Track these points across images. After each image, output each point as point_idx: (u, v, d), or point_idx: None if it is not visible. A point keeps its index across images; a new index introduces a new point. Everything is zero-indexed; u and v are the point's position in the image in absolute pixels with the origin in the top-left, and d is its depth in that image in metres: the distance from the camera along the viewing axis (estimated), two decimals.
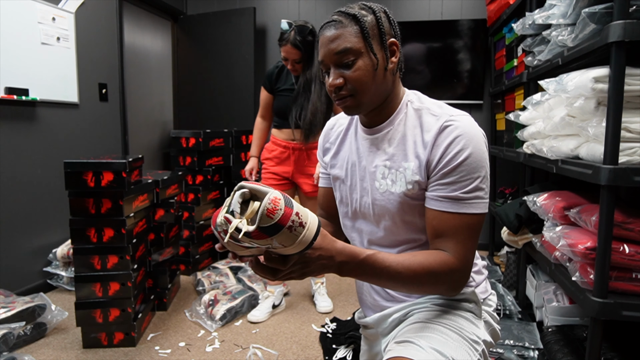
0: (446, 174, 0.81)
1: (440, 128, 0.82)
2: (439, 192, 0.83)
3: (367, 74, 0.84)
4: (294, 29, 1.96)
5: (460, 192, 0.81)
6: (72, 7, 2.66)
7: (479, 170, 0.81)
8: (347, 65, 0.84)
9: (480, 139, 0.82)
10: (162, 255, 2.33)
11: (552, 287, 1.82)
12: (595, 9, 1.30)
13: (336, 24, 0.84)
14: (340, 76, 0.84)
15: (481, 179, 0.81)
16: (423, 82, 3.39)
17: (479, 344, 0.86)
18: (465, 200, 0.81)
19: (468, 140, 0.80)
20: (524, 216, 1.90)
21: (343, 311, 2.30)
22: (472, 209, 0.81)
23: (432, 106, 0.88)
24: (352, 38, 0.83)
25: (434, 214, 0.84)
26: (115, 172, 1.81)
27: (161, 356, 1.83)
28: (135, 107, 3.66)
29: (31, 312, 1.93)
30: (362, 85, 0.84)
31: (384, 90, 0.87)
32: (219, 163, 3.00)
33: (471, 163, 0.80)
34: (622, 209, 1.30)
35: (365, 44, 0.83)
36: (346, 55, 0.83)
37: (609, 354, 1.45)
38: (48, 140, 2.53)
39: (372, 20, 0.85)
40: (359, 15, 0.83)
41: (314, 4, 3.64)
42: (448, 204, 0.81)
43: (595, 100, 1.31)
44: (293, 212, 0.65)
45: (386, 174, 0.90)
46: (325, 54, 0.85)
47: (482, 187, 0.82)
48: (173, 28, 4.00)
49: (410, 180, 0.86)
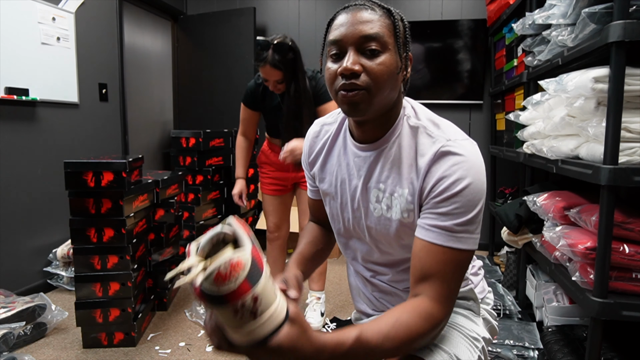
0: (439, 203, 0.73)
1: (435, 154, 0.74)
2: (429, 221, 0.74)
3: (389, 72, 0.75)
4: (272, 47, 1.76)
5: (452, 224, 0.72)
6: (72, 7, 2.66)
7: (475, 203, 0.72)
8: (372, 53, 0.74)
9: (481, 168, 0.74)
10: (162, 255, 2.33)
11: (552, 287, 1.82)
12: (595, 9, 1.30)
13: (369, 9, 0.75)
14: (359, 63, 0.74)
15: (477, 213, 0.73)
16: (423, 82, 3.39)
17: (478, 341, 0.86)
18: (456, 233, 0.72)
19: (468, 169, 0.72)
20: (524, 216, 1.91)
21: (343, 311, 2.30)
22: (462, 244, 0.73)
23: (428, 124, 0.79)
24: (383, 28, 0.74)
25: (422, 245, 0.75)
26: (115, 172, 1.80)
27: (161, 356, 1.83)
28: (135, 107, 3.67)
29: (31, 312, 1.93)
30: (381, 82, 0.74)
31: (392, 99, 0.79)
32: (219, 163, 3.00)
33: (468, 194, 0.72)
34: (622, 209, 1.30)
35: (394, 42, 0.76)
36: (375, 42, 0.73)
37: (609, 354, 1.45)
38: (48, 140, 2.53)
39: (402, 26, 0.79)
40: (392, 11, 0.77)
41: (314, 4, 3.64)
42: (438, 234, 0.73)
43: (595, 100, 1.31)
44: (250, 294, 0.50)
45: (380, 197, 0.82)
46: (348, 34, 0.74)
47: (476, 221, 0.74)
48: (173, 28, 4.00)
49: (405, 209, 0.79)
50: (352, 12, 0.75)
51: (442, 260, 0.73)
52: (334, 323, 2.13)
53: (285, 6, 3.70)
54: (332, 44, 0.77)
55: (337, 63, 0.76)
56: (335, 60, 0.77)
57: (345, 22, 0.75)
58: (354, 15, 0.75)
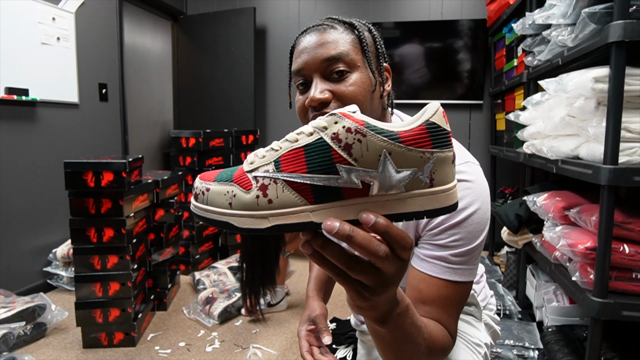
0: (437, 233, 0.67)
1: None
2: (425, 251, 0.68)
3: (363, 92, 0.67)
4: None
5: (449, 254, 0.66)
6: (72, 7, 2.66)
7: (477, 234, 0.66)
8: (339, 75, 0.66)
9: (485, 198, 0.66)
10: (162, 255, 2.33)
11: (552, 287, 1.82)
12: (595, 9, 1.30)
13: (328, 27, 0.68)
14: (326, 89, 0.66)
15: (477, 244, 0.67)
16: (423, 82, 3.39)
17: (481, 347, 0.86)
18: (453, 265, 0.66)
19: (470, 198, 0.65)
20: (524, 216, 1.90)
21: (343, 311, 2.30)
22: (459, 277, 0.67)
23: None
24: (347, 45, 0.67)
25: (419, 275, 0.69)
26: (115, 172, 1.80)
27: (161, 356, 1.83)
28: (135, 107, 3.67)
29: (31, 312, 1.93)
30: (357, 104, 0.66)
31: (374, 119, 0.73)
32: (219, 163, 2.99)
33: (468, 225, 0.65)
34: (622, 209, 1.30)
35: (363, 58, 0.67)
36: (340, 62, 0.65)
37: (609, 354, 1.45)
38: (48, 140, 2.53)
39: (370, 37, 0.70)
40: (356, 24, 0.69)
41: (314, 4, 3.64)
42: (433, 266, 0.67)
43: (595, 100, 1.31)
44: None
45: None
46: (310, 60, 0.67)
47: (476, 253, 0.68)
48: (173, 28, 4.00)
49: None
50: (311, 35, 0.68)
51: (441, 293, 0.67)
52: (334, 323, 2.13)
53: (285, 6, 3.70)
54: (296, 74, 0.69)
55: (304, 94, 0.69)
56: (302, 91, 0.70)
57: (306, 48, 0.67)
58: (314, 38, 0.67)
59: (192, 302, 2.26)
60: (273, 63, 3.79)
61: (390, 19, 3.46)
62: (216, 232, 3.04)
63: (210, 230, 2.96)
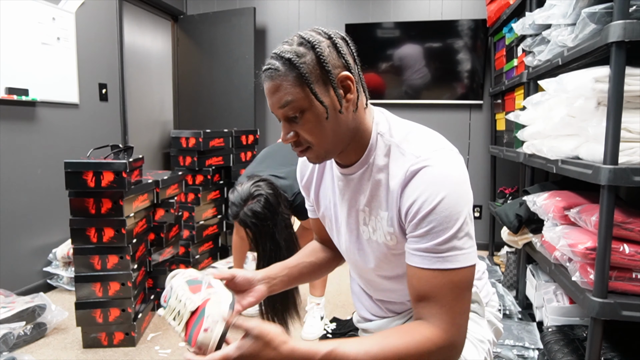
0: (417, 224, 0.70)
1: (406, 175, 0.72)
2: (412, 245, 0.72)
3: (317, 125, 0.73)
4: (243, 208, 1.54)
5: (433, 244, 0.69)
6: (72, 7, 2.66)
7: (454, 217, 0.69)
8: (294, 119, 0.73)
9: (456, 179, 0.70)
10: (162, 255, 2.33)
11: (552, 287, 1.82)
12: (595, 9, 1.30)
13: (272, 73, 0.72)
14: (291, 130, 0.75)
15: (459, 228, 0.69)
16: (423, 82, 3.39)
17: (484, 343, 0.87)
18: (441, 254, 0.69)
19: (439, 184, 0.69)
20: (524, 216, 1.90)
21: (343, 311, 2.30)
22: (451, 264, 0.69)
23: (401, 142, 0.76)
24: (291, 89, 0.71)
25: (412, 271, 0.72)
26: (115, 172, 1.80)
27: (161, 356, 1.83)
28: (135, 107, 3.67)
29: (31, 312, 1.93)
30: (316, 138, 0.74)
31: (345, 133, 0.75)
32: (219, 163, 2.99)
33: (443, 211, 0.68)
34: (622, 209, 1.30)
35: (308, 92, 0.71)
36: (290, 109, 0.72)
37: (609, 354, 1.45)
38: (48, 140, 2.53)
39: (312, 60, 0.71)
40: (294, 59, 0.70)
41: (314, 4, 3.64)
42: (423, 258, 0.70)
43: (595, 100, 1.31)
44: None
45: (367, 220, 0.81)
46: (270, 106, 0.76)
47: (461, 235, 0.69)
48: (173, 28, 4.00)
49: (387, 232, 0.77)
50: (265, 82, 0.75)
51: (434, 284, 0.69)
52: (334, 323, 2.13)
53: (285, 6, 3.70)
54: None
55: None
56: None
57: (266, 94, 0.75)
58: (266, 86, 0.74)
59: None
60: None
61: (390, 19, 3.46)
62: (216, 232, 3.04)
63: (210, 230, 2.96)
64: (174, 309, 0.74)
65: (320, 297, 2.15)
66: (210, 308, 0.70)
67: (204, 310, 0.70)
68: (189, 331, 0.70)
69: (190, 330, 0.69)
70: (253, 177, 1.61)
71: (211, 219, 2.97)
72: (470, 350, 0.81)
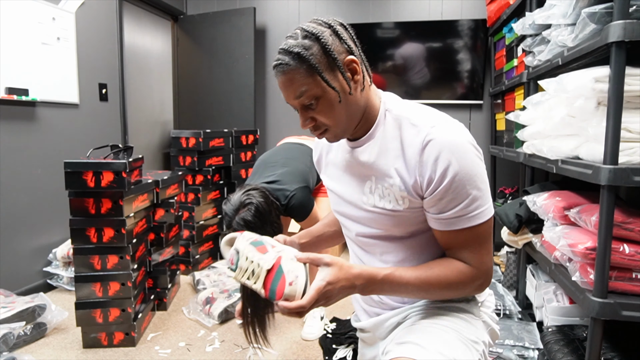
0: (440, 196, 0.78)
1: (423, 144, 0.78)
2: (439, 215, 0.81)
3: (332, 109, 0.81)
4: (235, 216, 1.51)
5: (459, 210, 0.78)
6: (72, 7, 2.66)
7: (471, 181, 0.77)
8: (310, 106, 0.81)
9: (464, 147, 0.78)
10: (162, 255, 2.33)
11: (552, 287, 1.82)
12: (595, 9, 1.30)
13: (284, 68, 0.79)
14: (308, 117, 0.83)
15: (477, 189, 0.78)
16: (423, 82, 3.39)
17: (478, 344, 0.86)
18: (466, 215, 0.78)
19: (451, 154, 0.76)
20: (524, 216, 1.90)
21: (343, 311, 2.30)
22: (476, 221, 0.79)
23: (411, 114, 0.84)
24: (304, 80, 0.79)
25: (440, 234, 0.83)
26: (115, 172, 1.80)
27: (161, 356, 1.83)
28: (135, 107, 3.67)
29: (31, 312, 1.93)
30: (332, 120, 0.82)
31: (356, 112, 0.84)
32: (219, 163, 3.00)
33: (462, 178, 0.76)
34: (622, 209, 1.30)
35: (320, 81, 0.79)
36: (305, 98, 0.80)
37: (609, 354, 1.45)
38: (48, 140, 2.53)
39: (319, 51, 0.79)
40: (302, 53, 0.77)
41: (314, 4, 3.64)
42: (451, 223, 0.80)
43: (595, 100, 1.31)
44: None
45: (373, 188, 0.87)
46: (285, 98, 0.84)
47: (479, 195, 0.78)
48: (173, 28, 4.00)
49: (399, 197, 0.83)
50: (278, 77, 0.82)
51: (464, 239, 0.81)
52: (334, 323, 2.13)
53: (285, 6, 3.70)
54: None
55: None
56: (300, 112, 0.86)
57: (281, 88, 0.83)
58: (280, 79, 0.82)
59: (192, 302, 2.26)
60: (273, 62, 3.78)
61: (390, 19, 3.46)
62: (216, 232, 3.04)
63: (210, 230, 2.96)
64: (246, 269, 0.79)
65: None
66: (286, 265, 0.77)
67: (280, 267, 0.77)
68: (269, 286, 0.76)
69: (271, 286, 0.76)
70: (245, 186, 1.60)
71: (211, 219, 2.97)
72: (462, 351, 0.80)
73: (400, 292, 0.82)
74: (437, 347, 0.79)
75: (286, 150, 2.00)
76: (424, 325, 0.86)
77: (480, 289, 0.85)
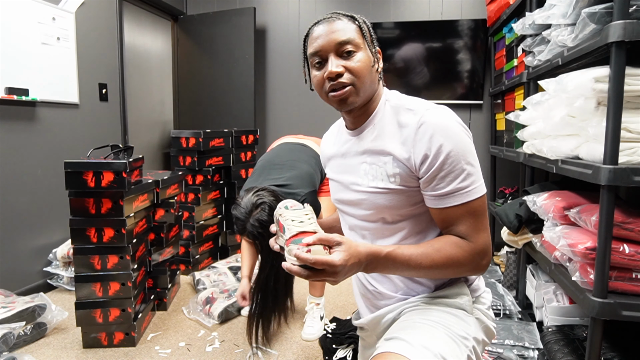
0: (435, 174, 0.83)
1: (418, 124, 0.84)
2: (435, 192, 0.85)
3: (367, 66, 0.88)
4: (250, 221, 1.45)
5: (455, 185, 0.83)
6: (72, 7, 2.66)
7: (465, 157, 0.83)
8: (348, 54, 0.87)
9: (454, 126, 0.84)
10: (162, 255, 2.33)
11: (552, 287, 1.82)
12: (595, 9, 1.30)
13: (335, 19, 0.89)
14: (340, 65, 0.87)
15: (471, 165, 0.83)
16: (423, 82, 3.39)
17: (467, 340, 0.86)
18: (462, 191, 0.83)
19: (444, 132, 0.82)
20: (524, 216, 1.90)
21: (343, 311, 2.30)
22: (472, 196, 0.83)
23: (406, 102, 0.91)
24: (352, 32, 0.88)
25: (437, 211, 0.87)
26: (115, 172, 1.81)
27: (161, 356, 1.83)
28: (135, 107, 3.67)
29: (31, 312, 1.93)
30: (362, 76, 0.88)
31: (372, 89, 0.92)
32: (219, 163, 3.00)
33: (456, 154, 0.82)
34: (622, 209, 1.30)
35: (363, 40, 0.90)
36: (349, 44, 0.87)
37: (609, 354, 1.45)
38: (48, 140, 2.53)
39: (364, 23, 0.93)
40: (354, 15, 0.91)
41: (314, 4, 3.64)
42: (447, 199, 0.84)
43: (595, 100, 1.31)
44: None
45: (367, 170, 0.93)
46: (324, 44, 0.88)
47: (473, 171, 0.84)
48: (173, 28, 4.00)
49: (391, 173, 0.88)
50: (324, 25, 0.90)
51: (460, 214, 0.85)
52: (334, 323, 2.13)
53: (285, 6, 3.70)
54: (313, 54, 0.90)
55: (321, 70, 0.90)
56: (319, 68, 0.91)
57: (321, 34, 0.89)
58: (326, 27, 0.89)
59: (192, 302, 2.26)
60: (273, 63, 3.79)
61: (390, 19, 3.46)
62: (216, 232, 3.04)
63: (210, 230, 2.97)
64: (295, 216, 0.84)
65: (320, 297, 2.15)
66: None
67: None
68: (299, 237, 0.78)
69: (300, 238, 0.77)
70: (252, 189, 1.57)
71: (211, 219, 2.98)
72: (449, 346, 0.81)
73: (403, 269, 0.84)
74: (422, 342, 0.79)
75: (290, 152, 1.95)
76: (415, 321, 0.87)
77: (479, 268, 0.87)
